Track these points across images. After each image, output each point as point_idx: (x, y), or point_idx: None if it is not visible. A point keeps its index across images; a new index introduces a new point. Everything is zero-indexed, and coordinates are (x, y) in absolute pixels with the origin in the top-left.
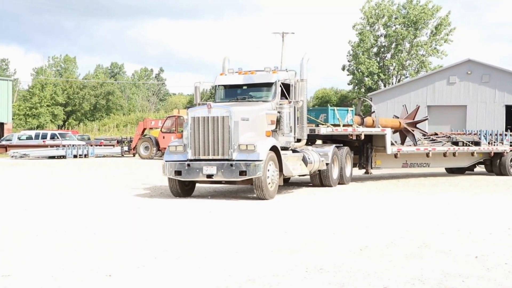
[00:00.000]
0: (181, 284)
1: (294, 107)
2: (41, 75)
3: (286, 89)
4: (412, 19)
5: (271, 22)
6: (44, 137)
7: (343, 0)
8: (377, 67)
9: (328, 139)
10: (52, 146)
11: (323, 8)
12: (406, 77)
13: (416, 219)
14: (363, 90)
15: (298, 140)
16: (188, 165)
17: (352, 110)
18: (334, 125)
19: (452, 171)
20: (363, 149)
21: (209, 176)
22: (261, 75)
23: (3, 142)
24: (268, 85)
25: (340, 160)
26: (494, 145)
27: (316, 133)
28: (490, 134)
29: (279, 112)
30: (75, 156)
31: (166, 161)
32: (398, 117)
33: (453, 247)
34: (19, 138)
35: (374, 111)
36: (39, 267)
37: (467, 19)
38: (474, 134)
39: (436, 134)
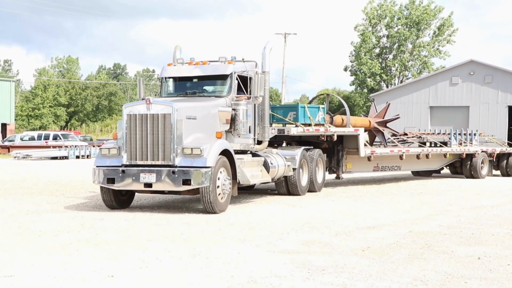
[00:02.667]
0: (183, 285)
1: (254, 104)
2: (44, 76)
3: (244, 83)
4: (415, 20)
5: (272, 22)
6: (46, 138)
7: (344, 0)
8: (379, 68)
9: (294, 141)
10: (54, 147)
11: (324, 9)
12: (409, 78)
13: (419, 221)
14: (365, 90)
15: (260, 143)
16: (123, 171)
17: (324, 108)
18: (305, 124)
19: (418, 174)
20: (334, 152)
21: (147, 185)
22: (215, 66)
23: (6, 143)
24: (223, 77)
25: (310, 164)
26: (464, 145)
27: (286, 133)
28: (460, 134)
29: (234, 109)
30: (77, 157)
31: (97, 166)
32: (367, 116)
33: (455, 248)
34: (21, 139)
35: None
36: (41, 267)
37: (469, 19)
38: (443, 134)
39: (405, 134)
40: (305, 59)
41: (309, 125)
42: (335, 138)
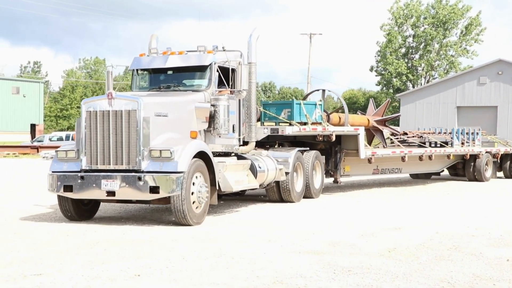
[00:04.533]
0: (209, 285)
1: (239, 100)
2: (71, 77)
3: (227, 75)
4: (442, 19)
5: (297, 23)
6: None
7: (370, 0)
8: (406, 68)
9: (287, 141)
10: None
11: (350, 9)
12: (435, 78)
13: (446, 222)
14: (391, 91)
15: (247, 144)
16: (82, 177)
17: (321, 105)
18: (301, 123)
19: (417, 177)
20: (331, 153)
21: (110, 193)
22: (192, 57)
23: (35, 143)
24: (201, 69)
25: (306, 168)
26: (467, 145)
27: (280, 133)
28: (462, 133)
29: (213, 105)
30: None
31: (52, 172)
32: (364, 114)
33: (483, 250)
34: (50, 139)
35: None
36: (69, 266)
37: (497, 18)
38: (444, 133)
39: (405, 133)
40: (330, 60)
41: (305, 123)
42: (333, 138)
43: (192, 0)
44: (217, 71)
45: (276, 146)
